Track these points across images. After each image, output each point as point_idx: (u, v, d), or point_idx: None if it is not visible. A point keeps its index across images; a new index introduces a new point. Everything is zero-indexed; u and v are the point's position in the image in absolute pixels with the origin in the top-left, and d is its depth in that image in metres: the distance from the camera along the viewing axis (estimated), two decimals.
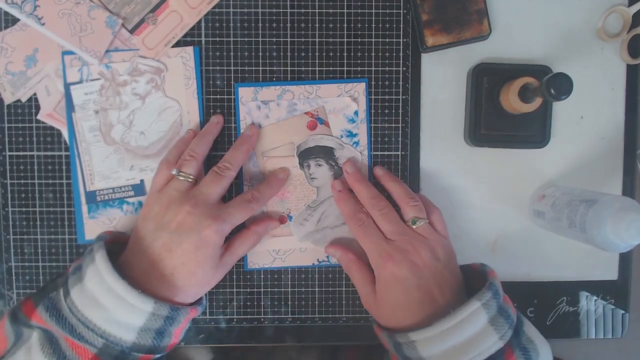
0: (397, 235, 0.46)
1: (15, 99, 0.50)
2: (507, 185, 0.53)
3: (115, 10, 0.50)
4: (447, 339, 0.40)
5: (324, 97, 0.51)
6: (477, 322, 0.40)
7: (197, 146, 0.48)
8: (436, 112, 0.53)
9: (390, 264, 0.44)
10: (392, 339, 0.43)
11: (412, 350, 0.41)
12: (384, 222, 0.47)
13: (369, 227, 0.47)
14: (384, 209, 0.47)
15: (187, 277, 0.44)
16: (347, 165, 0.51)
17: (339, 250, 0.50)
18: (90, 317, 0.40)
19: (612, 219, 0.41)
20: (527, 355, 0.41)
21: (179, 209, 0.44)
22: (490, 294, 0.41)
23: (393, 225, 0.47)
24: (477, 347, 0.40)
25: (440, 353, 0.40)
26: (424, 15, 0.50)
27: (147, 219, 0.45)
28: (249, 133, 0.50)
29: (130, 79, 0.50)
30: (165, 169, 0.47)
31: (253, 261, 0.52)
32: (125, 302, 0.40)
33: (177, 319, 0.43)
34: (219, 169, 0.47)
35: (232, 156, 0.48)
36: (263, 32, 0.51)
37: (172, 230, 0.44)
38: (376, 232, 0.47)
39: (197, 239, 0.43)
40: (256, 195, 0.48)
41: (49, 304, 0.41)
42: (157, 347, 0.42)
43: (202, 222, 0.44)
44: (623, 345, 1.07)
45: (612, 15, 0.52)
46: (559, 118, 0.53)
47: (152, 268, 0.43)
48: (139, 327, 0.41)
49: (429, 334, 0.40)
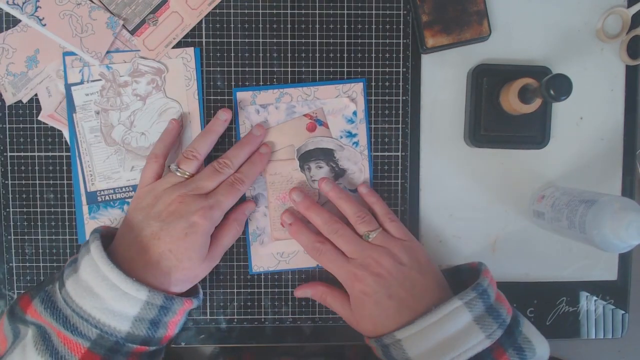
0: (356, 254, 0.46)
1: (17, 99, 0.50)
2: (507, 186, 0.53)
3: (116, 12, 0.50)
4: (431, 335, 0.41)
5: (322, 98, 0.51)
6: (459, 320, 0.41)
7: (200, 145, 0.47)
8: (436, 112, 0.53)
9: (357, 283, 0.45)
10: (380, 342, 0.44)
11: (400, 351, 0.42)
12: (342, 243, 0.47)
13: (329, 253, 0.47)
14: (339, 230, 0.47)
15: (174, 264, 0.43)
16: (294, 194, 0.50)
17: (308, 289, 0.51)
18: (84, 306, 0.40)
19: (611, 220, 0.41)
20: (521, 354, 0.41)
21: (171, 199, 0.44)
22: (474, 294, 0.42)
23: (350, 244, 0.47)
24: (462, 345, 0.40)
25: (426, 351, 0.41)
26: (424, 16, 0.50)
27: (136, 210, 0.45)
28: (256, 133, 0.50)
29: (131, 79, 0.51)
30: (154, 162, 0.47)
31: (257, 265, 0.52)
32: (120, 290, 0.40)
33: (171, 309, 0.43)
34: (219, 164, 0.47)
35: (235, 155, 0.48)
36: (264, 33, 0.51)
37: (162, 219, 0.44)
38: (336, 255, 0.47)
39: (186, 225, 0.43)
40: (238, 177, 0.48)
41: (44, 297, 0.42)
42: (152, 338, 0.42)
43: (191, 209, 0.44)
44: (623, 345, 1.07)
45: (612, 16, 0.52)
46: (558, 119, 0.53)
47: (139, 255, 0.43)
48: (133, 317, 0.41)
49: (413, 331, 0.41)
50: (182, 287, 0.45)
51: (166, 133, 0.49)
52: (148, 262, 0.43)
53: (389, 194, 0.53)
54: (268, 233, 0.52)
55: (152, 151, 0.48)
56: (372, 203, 0.50)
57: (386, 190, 0.52)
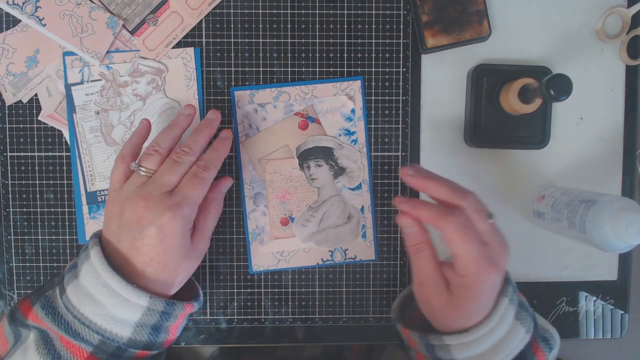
0: (490, 236, 0.40)
1: (17, 99, 0.50)
2: (507, 186, 0.53)
3: (116, 12, 0.50)
4: (484, 343, 0.40)
5: (319, 96, 0.51)
6: (508, 320, 0.40)
7: (162, 140, 0.45)
8: (436, 112, 0.53)
9: (494, 273, 0.39)
10: (425, 340, 0.42)
11: (446, 353, 0.41)
12: (478, 218, 0.39)
13: (469, 228, 0.39)
14: (476, 202, 0.40)
15: (159, 271, 0.42)
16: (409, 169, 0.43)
17: (415, 225, 0.42)
18: (86, 313, 0.40)
19: (611, 220, 0.41)
20: (548, 344, 0.41)
21: (136, 204, 0.42)
22: (511, 288, 0.41)
23: (485, 223, 0.40)
24: (509, 344, 0.40)
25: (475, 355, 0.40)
26: (424, 16, 0.50)
27: (109, 219, 0.44)
28: (211, 117, 0.47)
29: (131, 79, 0.51)
30: (121, 163, 0.45)
31: (257, 264, 0.52)
32: (121, 297, 0.40)
33: (172, 314, 0.43)
34: (176, 154, 0.44)
35: (193, 141, 0.45)
36: (263, 33, 0.51)
37: (133, 228, 0.42)
38: (475, 232, 0.39)
39: (158, 231, 0.41)
40: (201, 165, 0.44)
41: (45, 302, 0.41)
42: (154, 343, 0.42)
43: (158, 212, 0.41)
44: (623, 345, 1.07)
45: (612, 16, 0.52)
46: (558, 119, 0.53)
47: (124, 266, 0.42)
48: (135, 323, 0.41)
49: (465, 340, 0.40)
50: (177, 285, 0.45)
51: (135, 133, 0.46)
52: (134, 271, 0.42)
53: (389, 194, 0.53)
54: (267, 232, 0.52)
55: (120, 152, 0.45)
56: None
57: (386, 190, 0.52)
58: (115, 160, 0.45)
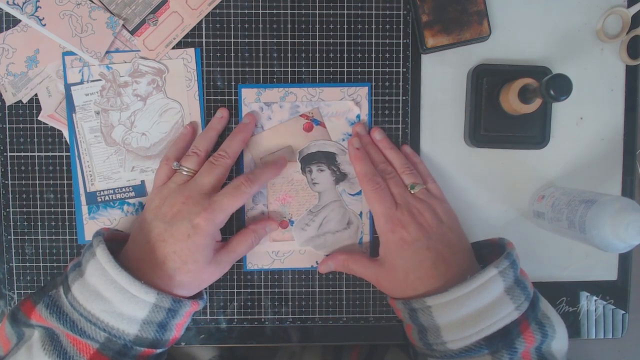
0: (402, 199, 0.47)
1: (17, 99, 0.50)
2: (507, 186, 0.53)
3: (116, 12, 0.50)
4: (463, 305, 0.40)
5: (326, 100, 0.51)
6: (494, 290, 0.41)
7: (200, 142, 0.49)
8: (436, 112, 0.53)
9: (399, 228, 0.45)
10: (408, 305, 0.43)
11: (428, 317, 0.42)
12: (393, 184, 0.48)
13: (383, 191, 0.48)
14: (392, 172, 0.49)
15: (178, 266, 0.44)
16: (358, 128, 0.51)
17: (330, 262, 0.50)
18: (93, 310, 0.40)
19: (611, 220, 0.41)
20: (543, 329, 0.41)
21: (175, 200, 0.45)
22: (507, 263, 0.42)
23: (399, 188, 0.48)
24: (493, 315, 0.40)
25: (456, 320, 0.41)
26: (424, 16, 0.50)
27: (147, 211, 0.47)
28: (246, 121, 0.50)
29: (131, 80, 0.51)
30: (165, 165, 0.49)
31: (252, 262, 0.52)
32: (128, 293, 0.40)
33: (179, 312, 0.43)
34: (214, 158, 0.48)
35: (229, 145, 0.49)
36: (264, 34, 0.51)
37: (167, 220, 0.45)
38: (389, 197, 0.47)
39: (189, 227, 0.44)
40: (250, 177, 0.47)
41: (48, 302, 0.42)
42: (159, 341, 0.43)
43: (193, 211, 0.44)
44: (623, 345, 1.07)
45: (612, 16, 0.52)
46: (558, 119, 0.53)
47: (146, 256, 0.44)
48: (142, 320, 0.41)
49: (445, 299, 0.41)
50: (188, 290, 0.45)
51: (180, 137, 0.50)
52: (155, 262, 0.44)
53: None
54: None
55: (166, 154, 0.49)
56: (416, 163, 0.51)
57: None
58: (161, 162, 0.49)
